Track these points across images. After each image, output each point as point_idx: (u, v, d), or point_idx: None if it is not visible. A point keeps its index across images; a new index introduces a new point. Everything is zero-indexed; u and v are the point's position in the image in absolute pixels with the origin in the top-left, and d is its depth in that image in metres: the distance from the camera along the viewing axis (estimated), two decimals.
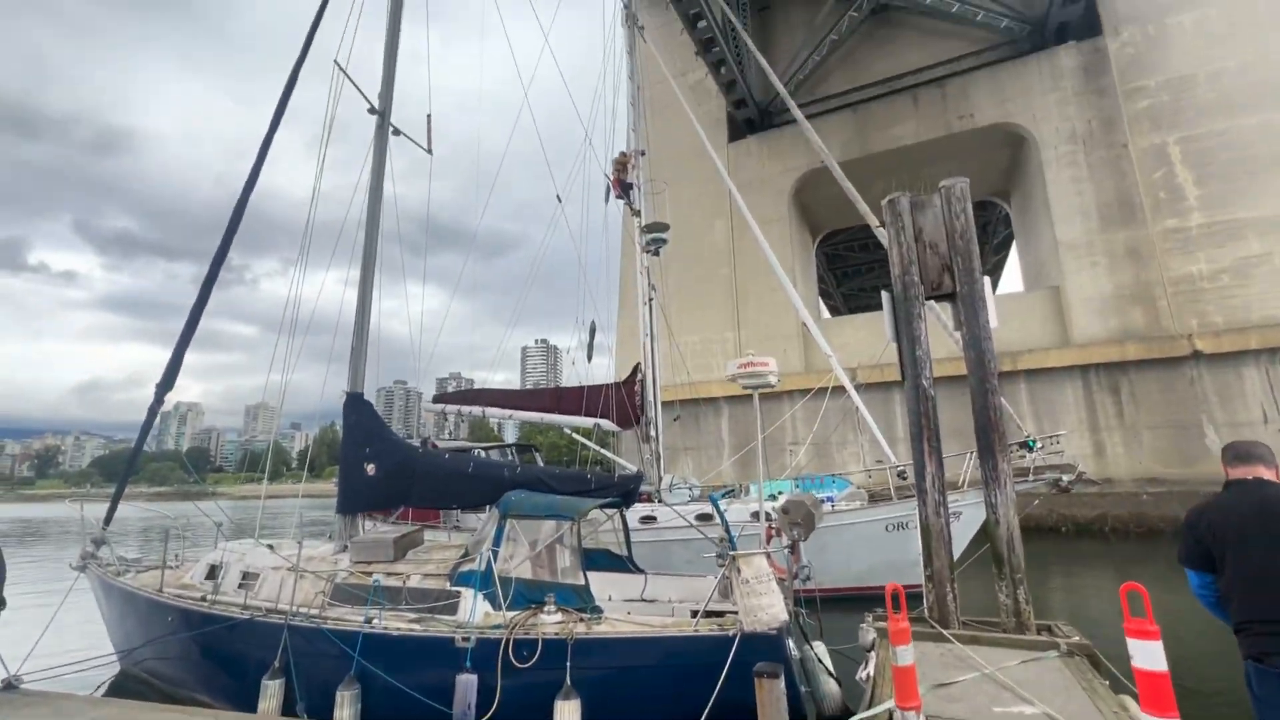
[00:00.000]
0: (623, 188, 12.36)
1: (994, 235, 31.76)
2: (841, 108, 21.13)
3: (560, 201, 11.42)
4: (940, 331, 7.73)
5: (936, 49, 20.16)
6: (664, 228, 11.23)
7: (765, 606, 3.90)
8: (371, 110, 7.22)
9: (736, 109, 22.06)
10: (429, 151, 7.80)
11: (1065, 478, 7.87)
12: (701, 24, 18.74)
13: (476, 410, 12.24)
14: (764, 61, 12.25)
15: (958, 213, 4.87)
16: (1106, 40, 17.40)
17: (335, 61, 6.82)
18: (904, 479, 9.00)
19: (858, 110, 20.80)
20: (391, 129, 7.21)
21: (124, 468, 7.02)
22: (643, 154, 12.84)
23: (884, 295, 5.15)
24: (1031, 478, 8.04)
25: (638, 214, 11.71)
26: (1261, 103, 15.54)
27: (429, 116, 7.93)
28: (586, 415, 11.07)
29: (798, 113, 10.36)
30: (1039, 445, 8.02)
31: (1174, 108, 16.43)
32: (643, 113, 14.02)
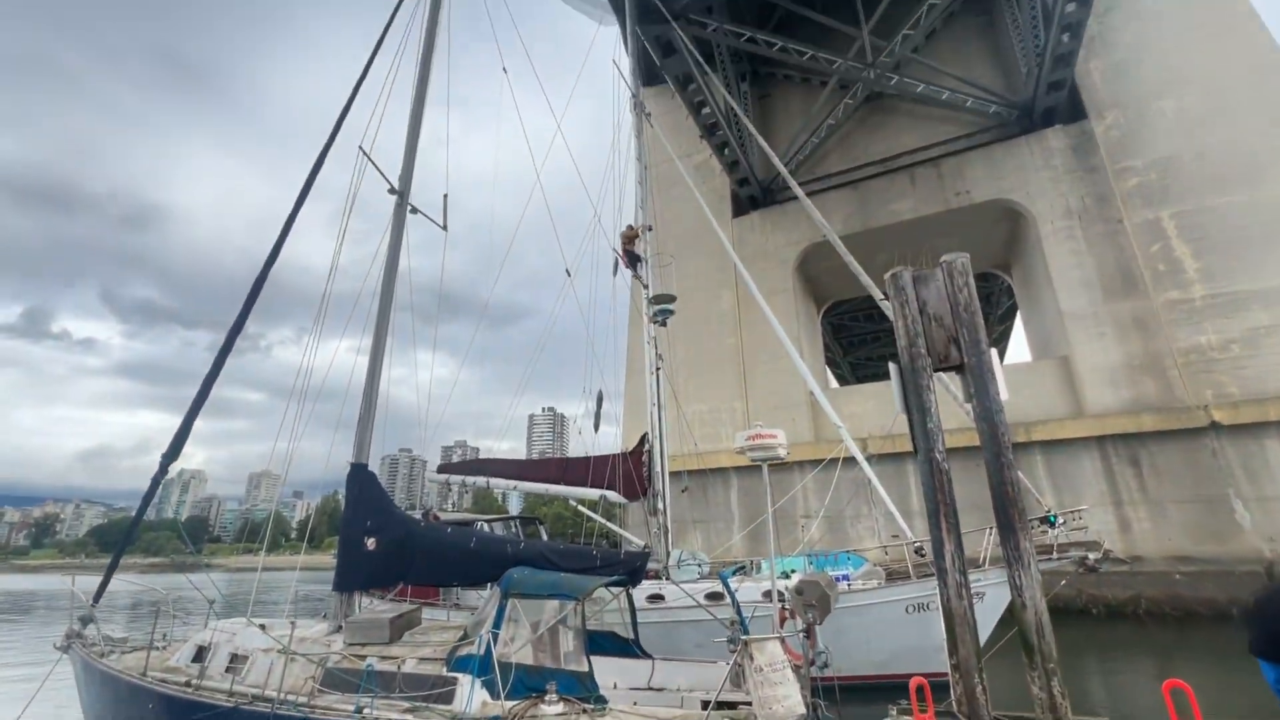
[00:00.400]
0: (631, 259, 12.75)
1: (998, 306, 32.14)
2: (841, 185, 21.99)
3: (569, 275, 11.74)
4: (951, 401, 7.66)
5: (930, 131, 21.19)
6: (670, 299, 11.45)
7: (781, 697, 3.66)
8: (391, 190, 7.59)
9: (740, 187, 23.03)
10: (444, 228, 8.12)
11: (1092, 556, 7.54)
12: (705, 110, 19.89)
13: (481, 480, 12.06)
14: (765, 144, 12.91)
15: (960, 286, 4.95)
16: (1092, 124, 18.25)
17: (360, 147, 7.25)
18: (922, 555, 8.66)
19: (857, 187, 21.63)
20: (409, 208, 7.54)
21: (120, 540, 6.88)
22: (649, 229, 13.31)
23: (891, 367, 5.15)
24: (1056, 556, 7.70)
25: (646, 286, 11.98)
26: (1248, 180, 16.03)
27: (445, 196, 8.33)
28: (593, 486, 10.87)
29: (798, 191, 10.80)
30: (1061, 521, 7.74)
31: (1163, 185, 16.96)
32: (650, 190, 14.66)
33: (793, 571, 8.51)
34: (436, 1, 9.46)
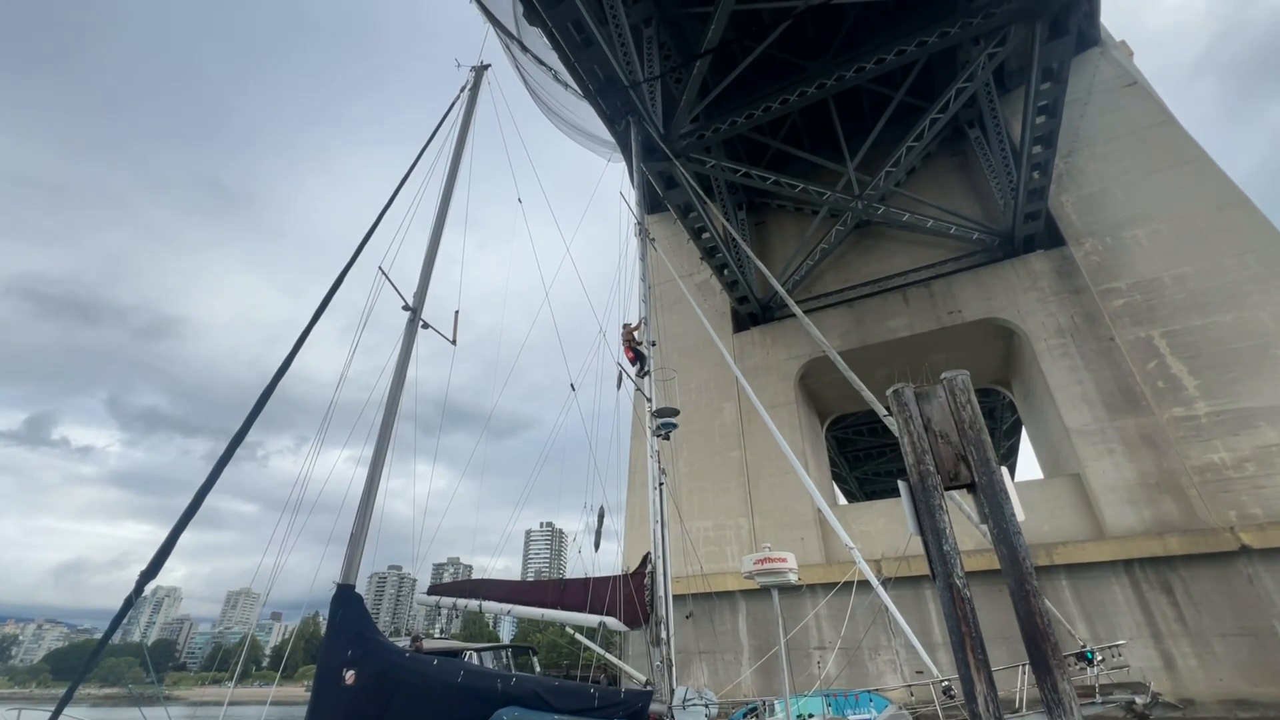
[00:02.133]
0: (635, 355, 12.97)
1: (1002, 421, 32.03)
2: (838, 303, 22.83)
3: (574, 390, 11.87)
4: (966, 521, 7.39)
5: (919, 254, 22.39)
6: (674, 412, 11.48)
7: None
8: (405, 307, 7.92)
9: (740, 304, 23.93)
10: (453, 343, 8.36)
11: (1140, 700, 6.84)
12: (705, 236, 21.19)
13: (473, 604, 11.34)
14: (762, 266, 13.60)
15: (963, 404, 4.98)
16: (1071, 250, 19.28)
17: (379, 267, 7.66)
18: (951, 697, 7.88)
19: (853, 305, 22.43)
20: (421, 323, 7.81)
21: (78, 671, 6.36)
22: (654, 344, 13.65)
23: (901, 486, 5.04)
24: (1100, 699, 7.00)
25: (649, 399, 12.06)
26: (1230, 303, 16.54)
27: (456, 313, 8.66)
28: (591, 612, 10.19)
29: (796, 309, 11.21)
30: (1099, 658, 7.13)
31: (1149, 305, 17.53)
32: (654, 307, 15.22)
33: (810, 716, 7.70)
34: (462, 140, 10.47)
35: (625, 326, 13.69)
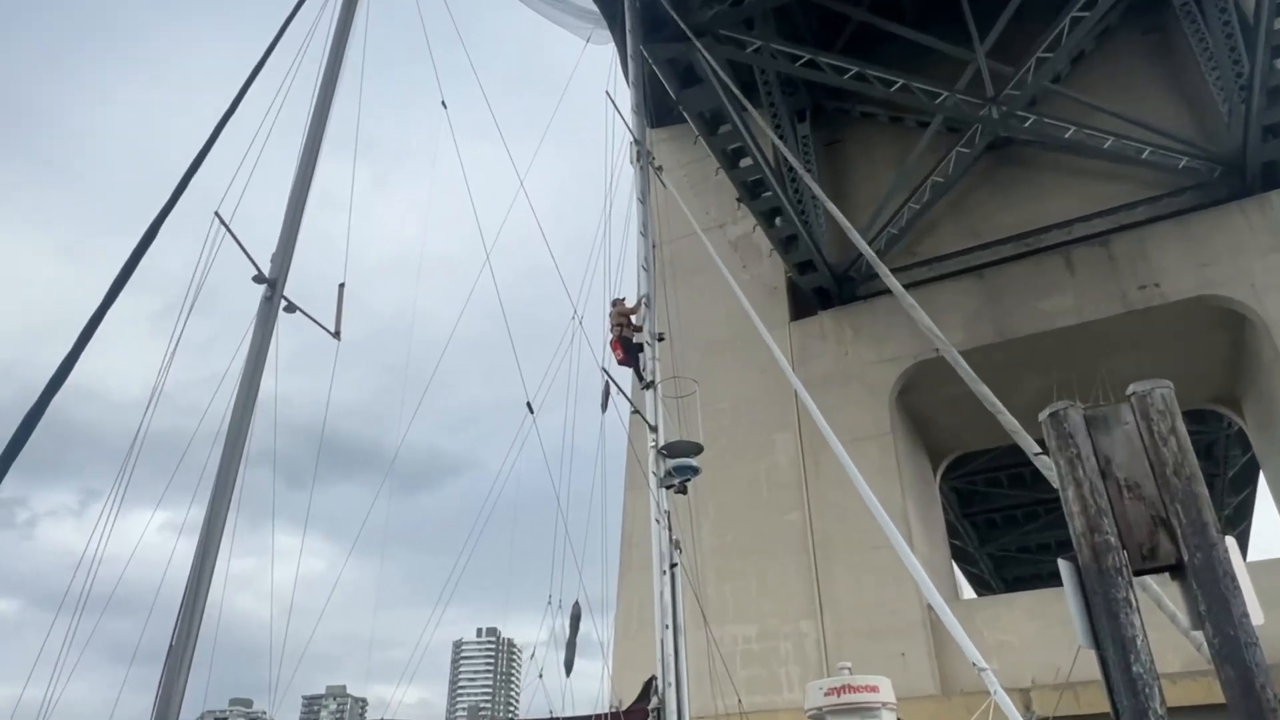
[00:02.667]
0: (628, 352, 13.03)
1: (1226, 464, 32.03)
2: (961, 272, 22.89)
3: (531, 411, 11.88)
4: (1166, 623, 7.38)
5: (1090, 194, 22.39)
6: (693, 449, 11.50)
7: None
8: (259, 278, 7.91)
9: (800, 274, 23.97)
10: (335, 335, 8.35)
11: None
12: (745, 163, 21.22)
13: None
14: (837, 212, 13.63)
15: (1164, 435, 4.96)
16: None
17: (218, 215, 7.66)
18: None
19: (984, 276, 22.46)
20: (284, 304, 7.81)
21: None
22: (660, 338, 13.67)
23: (1063, 568, 5.04)
24: None
25: (654, 429, 12.08)
26: None
27: (341, 288, 8.65)
28: None
29: (894, 283, 11.20)
30: None
31: None
32: (662, 278, 15.23)
33: None
34: (350, 12, 10.49)
35: (615, 305, 13.74)
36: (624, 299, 14.11)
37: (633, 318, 13.71)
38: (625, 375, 13.79)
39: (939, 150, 23.75)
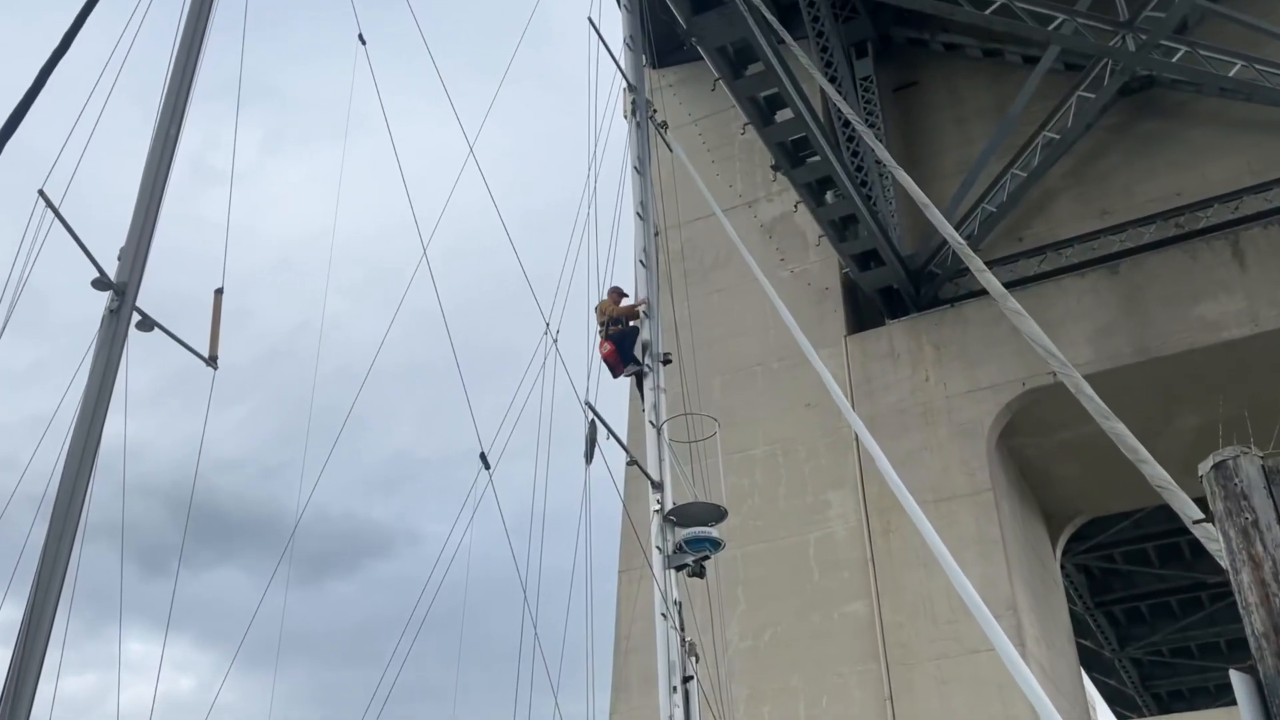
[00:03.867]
0: (625, 354, 12.97)
1: None
2: (1087, 264, 22.91)
3: (488, 467, 11.83)
4: None
5: (1265, 155, 22.38)
6: (714, 514, 11.43)
7: None
8: (101, 283, 7.86)
9: (861, 269, 23.95)
10: (210, 362, 8.30)
11: None
12: (784, 115, 21.23)
13: None
14: (910, 182, 13.54)
15: None
16: None
17: (42, 194, 7.63)
18: None
19: (1120, 270, 22.44)
20: (136, 319, 7.76)
21: None
22: (668, 360, 13.62)
23: (1236, 680, 5.01)
24: None
25: (657, 485, 12.04)
26: None
27: (219, 295, 8.61)
28: None
29: (993, 283, 11.08)
30: None
31: None
32: (667, 274, 15.19)
33: None
34: None
35: (611, 295, 13.63)
36: (621, 290, 14.09)
37: (630, 319, 13.67)
38: (618, 413, 13.74)
39: (1053, 96, 23.85)
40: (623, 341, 13.33)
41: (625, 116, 16.18)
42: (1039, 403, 22.28)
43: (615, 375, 13.40)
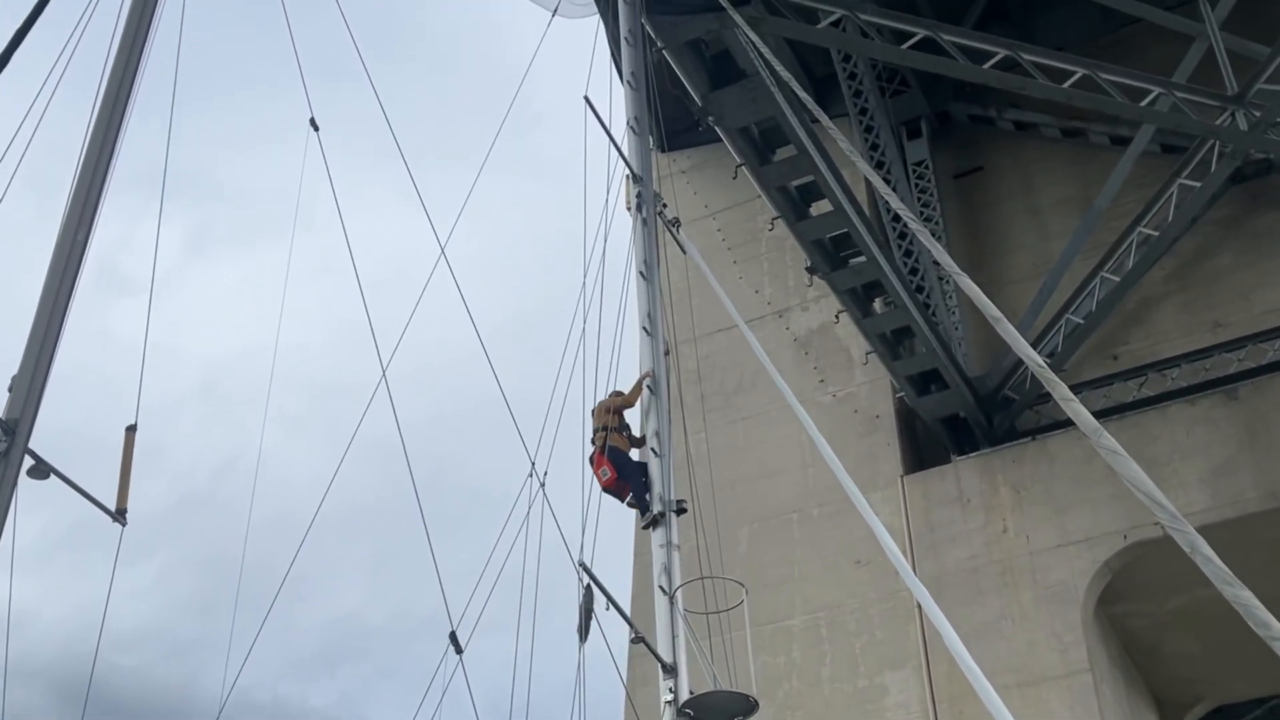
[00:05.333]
0: (624, 471, 12.79)
1: None
2: (1198, 388, 22.97)
3: (458, 648, 11.76)
4: None
5: None
6: (743, 706, 11.26)
7: None
8: None
9: (920, 393, 24.02)
10: (117, 517, 8.30)
11: None
12: (821, 208, 21.49)
13: None
14: (975, 289, 13.47)
15: None
16: None
17: None
18: None
19: (1241, 396, 22.43)
20: (28, 463, 7.79)
21: None
22: (682, 510, 13.55)
23: None
24: None
25: (669, 669, 11.93)
26: None
27: (131, 432, 8.64)
28: None
29: (1079, 409, 11.10)
30: None
31: None
32: (679, 408, 15.23)
33: None
34: None
35: (612, 396, 13.64)
36: (617, 395, 14.08)
37: (632, 432, 13.64)
38: (621, 571, 13.62)
39: (1149, 184, 24.17)
40: (623, 463, 13.12)
41: (629, 210, 16.27)
42: (1145, 560, 22.11)
43: (622, 500, 13.16)
